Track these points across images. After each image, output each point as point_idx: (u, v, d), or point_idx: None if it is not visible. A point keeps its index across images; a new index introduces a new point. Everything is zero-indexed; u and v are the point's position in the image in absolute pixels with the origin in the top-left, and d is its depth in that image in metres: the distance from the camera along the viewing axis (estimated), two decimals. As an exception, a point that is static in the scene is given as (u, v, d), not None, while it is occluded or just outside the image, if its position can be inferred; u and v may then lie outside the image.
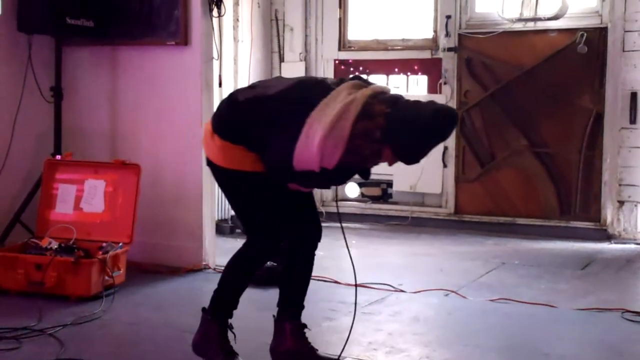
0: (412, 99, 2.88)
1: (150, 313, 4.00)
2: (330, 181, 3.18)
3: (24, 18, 4.83)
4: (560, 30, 6.34)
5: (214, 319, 3.13)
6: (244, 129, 2.95)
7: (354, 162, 2.85)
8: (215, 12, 4.98)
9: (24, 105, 5.01)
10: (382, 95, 2.82)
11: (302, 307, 3.25)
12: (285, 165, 2.83)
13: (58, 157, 4.83)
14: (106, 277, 4.23)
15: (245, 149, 2.95)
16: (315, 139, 2.74)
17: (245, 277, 3.15)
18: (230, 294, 3.14)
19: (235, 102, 3.01)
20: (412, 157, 2.84)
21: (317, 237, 3.22)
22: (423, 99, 2.96)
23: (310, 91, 2.90)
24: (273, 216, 3.04)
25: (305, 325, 3.24)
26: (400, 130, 2.76)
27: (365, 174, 3.05)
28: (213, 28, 5.06)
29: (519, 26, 6.45)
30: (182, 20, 4.87)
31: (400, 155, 2.82)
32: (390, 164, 2.91)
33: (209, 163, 3.09)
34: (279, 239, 3.07)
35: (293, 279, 3.24)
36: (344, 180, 3.16)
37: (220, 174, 3.08)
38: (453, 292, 4.45)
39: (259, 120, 2.92)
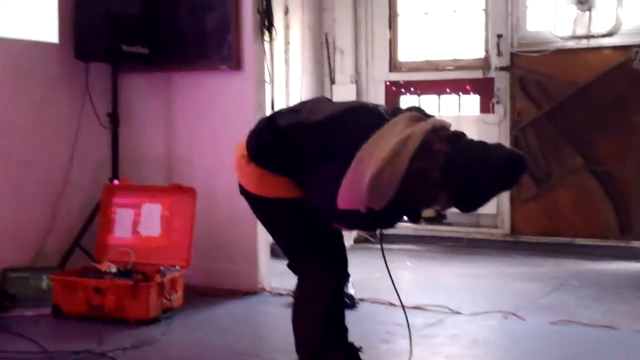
0: (475, 138, 2.59)
1: (208, 336, 4.01)
2: (375, 223, 2.82)
3: (81, 46, 4.93)
4: (615, 47, 6.25)
5: None
6: (285, 158, 2.74)
7: (405, 204, 2.57)
8: (266, 37, 5.02)
9: (82, 131, 5.11)
10: (443, 132, 2.54)
11: (347, 329, 3.15)
12: (328, 203, 2.57)
13: (116, 182, 4.90)
14: (164, 301, 4.26)
15: (285, 177, 2.77)
16: (366, 175, 2.46)
17: (321, 320, 2.87)
18: (318, 343, 2.89)
19: (276, 128, 2.77)
20: (470, 204, 2.55)
21: (345, 272, 3.09)
22: (475, 120, 2.76)
23: (362, 121, 2.64)
24: (316, 243, 2.85)
25: (359, 348, 3.18)
26: (463, 173, 2.46)
27: (415, 218, 2.81)
28: (265, 52, 5.10)
29: (572, 44, 6.37)
30: (234, 45, 4.92)
31: (458, 201, 2.52)
32: (443, 209, 2.66)
33: (243, 191, 2.89)
34: (328, 263, 2.88)
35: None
36: (391, 224, 2.80)
37: (257, 203, 2.88)
38: (512, 314, 4.37)
39: (302, 150, 2.70)
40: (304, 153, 2.69)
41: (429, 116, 2.65)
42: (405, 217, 2.81)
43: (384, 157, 2.46)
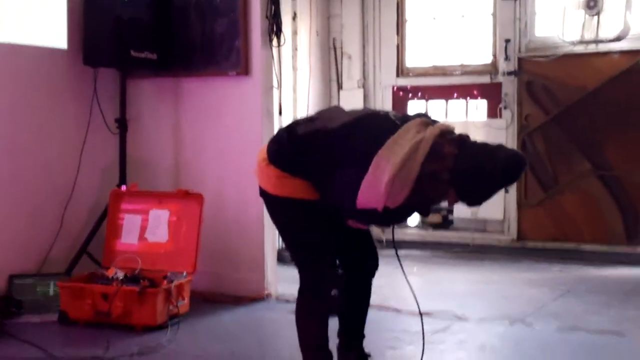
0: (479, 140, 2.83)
1: (214, 343, 4.03)
2: (390, 220, 3.08)
3: (90, 52, 4.93)
4: (623, 52, 6.24)
5: None
6: (305, 164, 2.91)
7: (417, 201, 2.80)
8: (274, 42, 5.03)
9: (90, 137, 5.12)
10: (449, 135, 2.76)
11: (363, 335, 3.24)
12: (347, 202, 2.78)
13: (123, 187, 4.91)
14: (171, 307, 4.27)
15: (303, 179, 2.93)
16: (384, 178, 2.67)
17: (321, 320, 3.00)
18: (317, 348, 3.02)
19: (295, 136, 2.96)
20: (476, 200, 2.81)
21: (374, 266, 3.21)
22: (482, 125, 2.93)
23: (376, 128, 2.83)
24: (324, 246, 2.99)
25: (368, 355, 3.22)
26: (469, 173, 2.71)
27: (425, 212, 3.07)
28: (273, 57, 5.10)
29: (580, 49, 6.36)
30: (242, 51, 4.92)
31: (464, 197, 2.79)
32: (450, 205, 2.91)
33: (263, 193, 3.05)
34: (330, 269, 3.02)
35: (352, 309, 3.23)
36: (404, 219, 3.12)
37: (274, 203, 3.04)
38: (519, 320, 4.37)
39: (320, 155, 2.88)
40: (321, 158, 2.87)
41: (435, 122, 2.86)
42: (415, 213, 3.04)
43: (398, 161, 2.67)
